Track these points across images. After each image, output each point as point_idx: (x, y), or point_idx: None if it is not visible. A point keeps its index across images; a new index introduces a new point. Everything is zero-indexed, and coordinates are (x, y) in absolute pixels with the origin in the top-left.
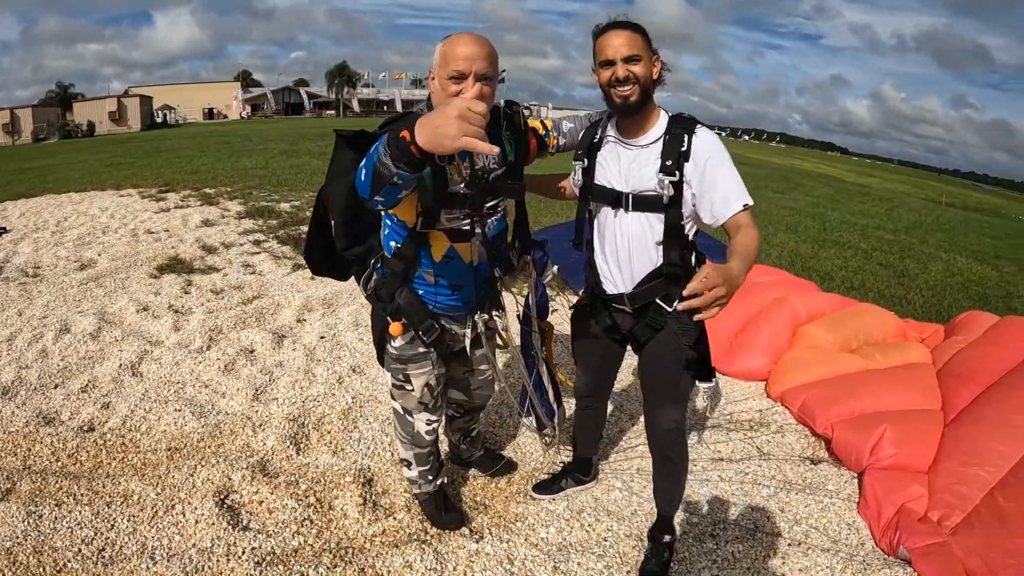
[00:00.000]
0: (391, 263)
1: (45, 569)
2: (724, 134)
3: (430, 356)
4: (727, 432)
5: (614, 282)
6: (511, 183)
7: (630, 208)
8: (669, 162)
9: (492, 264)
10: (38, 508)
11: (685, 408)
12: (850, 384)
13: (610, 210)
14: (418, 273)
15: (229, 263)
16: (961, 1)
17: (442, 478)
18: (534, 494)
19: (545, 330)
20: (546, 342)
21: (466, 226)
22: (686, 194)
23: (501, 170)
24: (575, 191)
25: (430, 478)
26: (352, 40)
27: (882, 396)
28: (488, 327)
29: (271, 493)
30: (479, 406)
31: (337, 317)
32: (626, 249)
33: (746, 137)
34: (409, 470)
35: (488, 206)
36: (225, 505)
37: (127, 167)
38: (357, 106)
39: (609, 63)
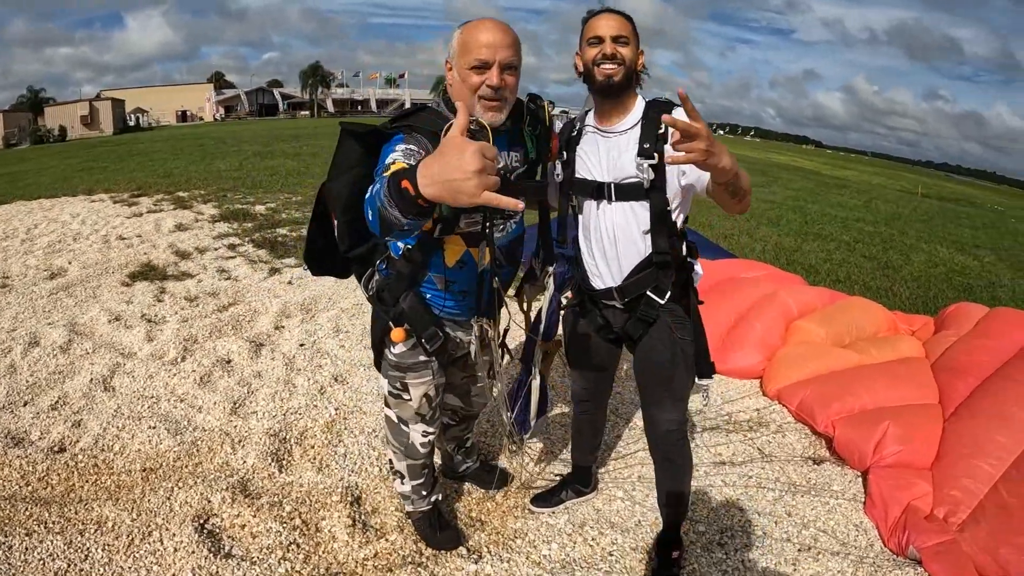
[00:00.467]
0: (398, 264)
1: None
2: None
3: (431, 365)
4: (727, 434)
5: (602, 277)
6: (534, 182)
7: (613, 198)
8: (647, 145)
9: (498, 269)
10: (7, 538)
11: (685, 406)
12: (847, 380)
13: (593, 202)
14: (427, 277)
15: (203, 269)
16: None
17: (437, 495)
18: (533, 507)
19: (548, 351)
20: (546, 359)
21: (480, 229)
22: (669, 176)
23: (523, 168)
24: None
25: (424, 493)
26: (326, 40)
27: (880, 391)
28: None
29: (253, 516)
30: (475, 414)
31: (316, 323)
32: (612, 241)
33: (721, 132)
34: (402, 484)
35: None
36: (205, 530)
37: (99, 171)
38: (331, 106)
39: (598, 40)
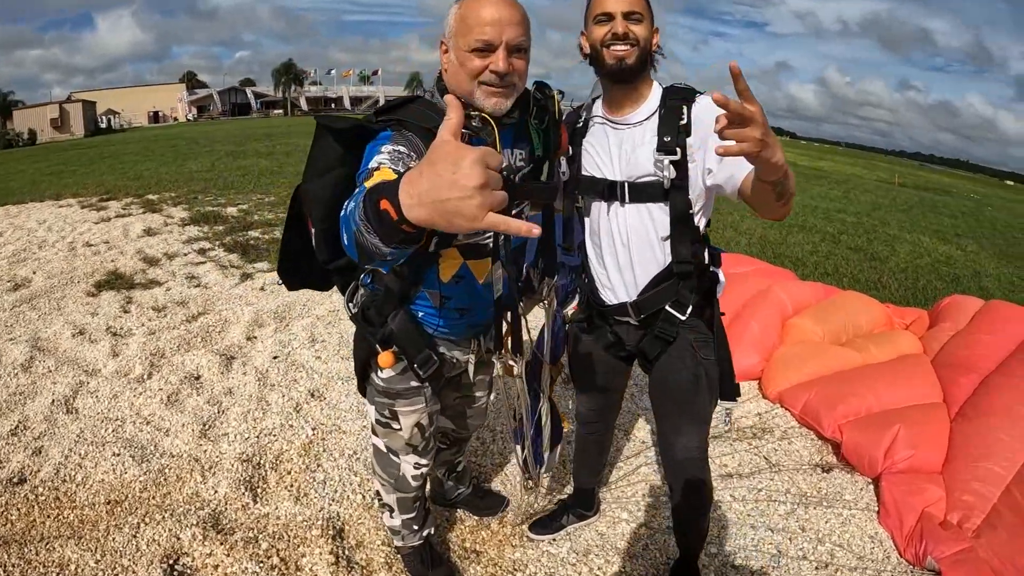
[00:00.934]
0: (386, 279)
1: None
2: None
3: (424, 392)
4: (731, 443)
5: (614, 290)
6: (542, 184)
7: (627, 199)
8: (667, 138)
9: (518, 293)
10: None
11: (707, 431)
12: (850, 380)
13: (603, 204)
14: (419, 293)
15: (172, 276)
16: None
17: (429, 528)
18: (532, 535)
19: (553, 375)
20: (552, 381)
21: (485, 240)
22: (692, 174)
23: (528, 167)
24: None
25: (415, 528)
26: (297, 38)
27: (884, 392)
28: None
29: (227, 555)
30: (467, 436)
31: (291, 332)
32: (626, 249)
33: None
34: (391, 518)
35: (512, 213)
36: (175, 572)
37: (68, 175)
38: (305, 104)
39: (607, 17)
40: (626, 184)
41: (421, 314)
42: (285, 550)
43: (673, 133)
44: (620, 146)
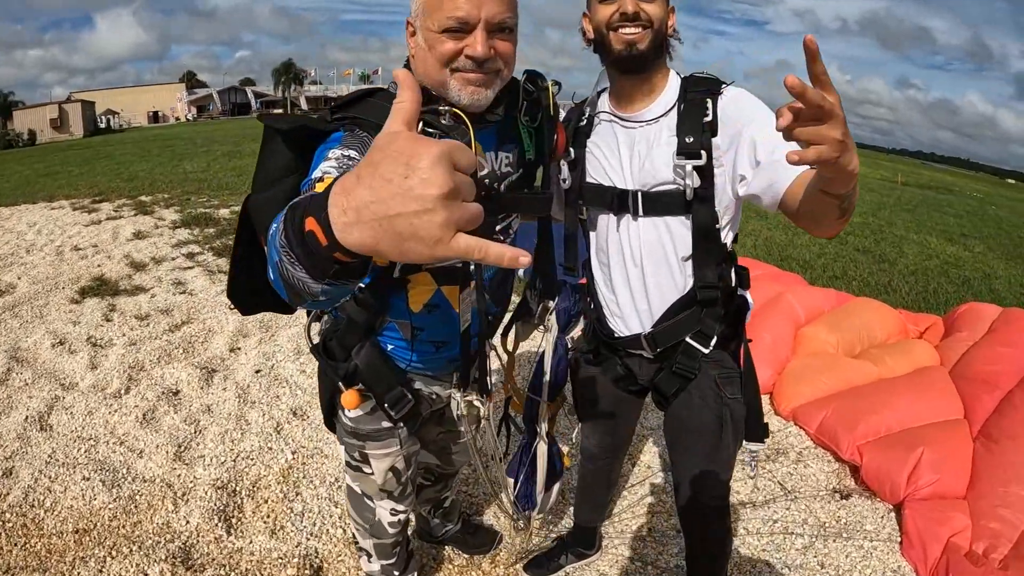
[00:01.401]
0: (348, 308)
1: None
2: None
3: (398, 433)
4: (742, 467)
5: (625, 319)
6: (533, 194)
7: (640, 211)
8: (689, 139)
9: (488, 326)
10: None
11: (729, 477)
12: (867, 397)
13: (612, 217)
14: (388, 324)
15: (158, 281)
16: None
17: (412, 573)
18: (527, 575)
19: (552, 412)
20: (552, 420)
21: (461, 263)
22: (720, 181)
23: (517, 174)
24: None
25: (396, 574)
26: (297, 38)
27: (904, 409)
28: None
29: None
30: (454, 472)
31: (276, 344)
32: (639, 270)
33: None
34: (369, 563)
35: (497, 228)
36: None
37: (63, 176)
38: (305, 104)
39: None
40: (639, 193)
41: (391, 347)
42: None
43: (696, 132)
44: (632, 148)
